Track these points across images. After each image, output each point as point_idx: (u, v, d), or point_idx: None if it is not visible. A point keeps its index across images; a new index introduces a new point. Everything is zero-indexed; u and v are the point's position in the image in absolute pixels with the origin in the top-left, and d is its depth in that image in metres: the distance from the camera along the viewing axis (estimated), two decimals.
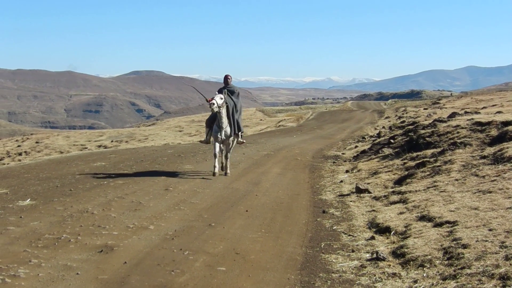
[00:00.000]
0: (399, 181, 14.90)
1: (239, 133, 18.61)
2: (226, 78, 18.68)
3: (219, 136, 17.61)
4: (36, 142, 51.76)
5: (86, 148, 44.59)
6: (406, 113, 52.45)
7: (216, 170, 17.54)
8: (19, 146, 51.23)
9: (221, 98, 17.27)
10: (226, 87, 18.33)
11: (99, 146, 44.59)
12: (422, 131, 21.00)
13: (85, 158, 23.04)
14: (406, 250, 8.89)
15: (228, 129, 17.74)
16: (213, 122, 18.05)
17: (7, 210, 12.12)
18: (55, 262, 8.48)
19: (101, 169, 18.82)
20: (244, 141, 19.75)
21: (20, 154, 46.08)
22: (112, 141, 48.60)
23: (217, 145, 17.76)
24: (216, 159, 17.73)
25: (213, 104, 16.81)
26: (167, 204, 12.75)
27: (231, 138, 18.14)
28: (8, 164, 32.77)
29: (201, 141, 19.65)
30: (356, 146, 28.29)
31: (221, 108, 17.31)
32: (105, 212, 11.97)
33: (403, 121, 37.95)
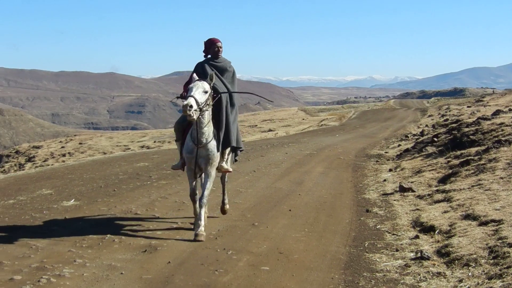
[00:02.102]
0: (443, 180, 14.77)
1: (236, 151, 11.67)
2: (211, 43, 11.04)
3: (194, 158, 10.22)
4: (80, 143, 52.32)
5: (129, 148, 44.93)
6: (449, 111, 51.95)
7: (201, 227, 9.94)
8: (63, 147, 51.82)
9: (205, 92, 9.89)
10: (213, 61, 11.02)
11: (142, 147, 44.91)
12: (466, 129, 20.82)
13: (128, 159, 23.18)
14: (451, 249, 8.82)
15: (213, 145, 10.27)
16: (185, 129, 10.67)
17: (52, 210, 12.24)
18: (99, 262, 8.54)
19: (144, 169, 18.93)
20: (230, 169, 11.45)
21: (64, 155, 46.62)
22: (154, 142, 48.85)
23: (193, 179, 10.57)
24: (198, 205, 10.37)
25: (188, 107, 9.41)
26: (210, 204, 12.78)
27: (217, 159, 10.49)
28: (52, 165, 33.19)
29: (173, 167, 11.28)
30: (399, 145, 28.14)
31: (204, 112, 9.97)
32: (149, 212, 12.05)
33: (446, 119, 37.61)
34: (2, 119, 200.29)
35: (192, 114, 9.54)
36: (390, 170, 18.82)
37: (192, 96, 9.68)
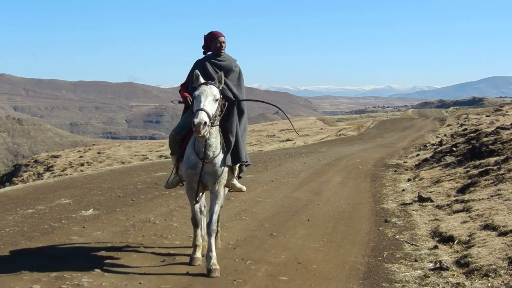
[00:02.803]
0: (462, 190, 14.72)
1: (242, 166, 9.68)
2: (212, 38, 9.33)
3: (197, 175, 8.61)
4: (98, 153, 52.53)
5: (147, 158, 45.08)
6: (468, 120, 51.85)
7: (213, 260, 8.52)
8: (81, 156, 52.06)
9: (215, 101, 8.30)
10: (215, 59, 9.32)
11: (160, 156, 44.99)
12: (485, 139, 20.76)
13: (146, 168, 23.23)
14: (470, 259, 8.78)
15: (221, 159, 8.68)
16: (184, 138, 9.16)
17: (71, 220, 12.28)
18: (118, 271, 8.56)
19: (162, 179, 18.94)
20: (244, 187, 9.75)
21: (82, 164, 46.84)
22: None
23: (197, 201, 9.00)
24: (200, 232, 9.38)
25: (201, 126, 7.84)
26: (228, 214, 12.78)
27: (226, 176, 8.93)
28: (71, 174, 33.30)
29: (167, 186, 9.73)
30: (417, 155, 28.07)
31: (213, 128, 8.39)
32: (167, 222, 12.06)
33: (465, 129, 37.53)
34: (21, 128, 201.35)
35: (206, 134, 8.13)
36: (409, 180, 18.76)
37: (203, 110, 7.97)
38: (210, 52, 9.46)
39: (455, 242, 10.09)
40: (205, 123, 7.87)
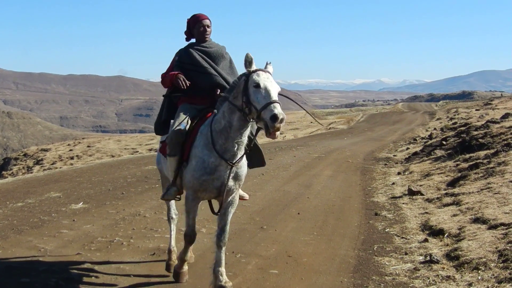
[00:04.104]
0: (452, 183, 14.73)
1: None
2: (195, 21, 8.04)
3: (218, 181, 7.17)
4: (88, 146, 52.35)
5: (137, 151, 44.91)
6: (458, 114, 51.93)
7: (225, 276, 7.42)
8: (71, 150, 51.85)
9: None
10: (200, 46, 8.02)
11: (150, 150, 44.83)
12: (475, 132, 20.80)
13: (136, 162, 23.20)
14: (460, 252, 8.79)
15: (244, 160, 7.36)
16: (179, 138, 7.45)
17: (60, 213, 12.26)
18: (108, 265, 8.56)
19: (153, 172, 18.92)
20: (246, 195, 8.42)
21: (72, 158, 46.65)
22: None
23: (195, 213, 7.52)
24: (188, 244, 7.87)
25: (282, 119, 6.26)
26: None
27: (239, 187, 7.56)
28: (60, 168, 33.18)
29: (164, 197, 7.88)
30: (407, 148, 28.08)
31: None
32: (157, 215, 12.04)
33: (455, 123, 37.59)
34: (11, 122, 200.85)
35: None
36: (399, 173, 18.79)
37: (279, 103, 6.42)
38: (193, 40, 8.19)
39: (445, 235, 10.10)
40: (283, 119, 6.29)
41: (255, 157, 7.83)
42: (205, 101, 7.80)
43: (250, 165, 7.79)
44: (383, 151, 28.29)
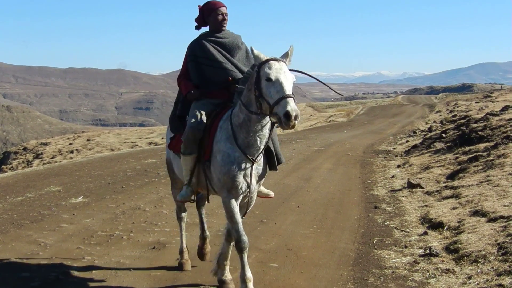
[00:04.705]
0: (452, 176, 14.73)
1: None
2: (211, 9, 7.41)
3: (246, 178, 6.82)
4: (88, 140, 52.36)
5: (137, 145, 44.94)
6: (458, 107, 51.86)
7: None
8: (70, 144, 51.86)
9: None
10: (215, 36, 7.44)
11: (150, 143, 44.87)
12: (475, 125, 20.80)
13: (136, 155, 23.22)
14: (459, 245, 8.79)
15: (262, 163, 7.01)
16: (196, 135, 7.08)
17: (60, 207, 12.28)
18: (108, 259, 8.57)
19: (152, 166, 18.94)
20: (272, 193, 8.13)
21: (71, 152, 46.66)
22: (162, 138, 48.80)
23: (236, 207, 7.15)
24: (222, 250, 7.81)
25: (296, 116, 5.90)
26: (218, 200, 12.72)
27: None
28: (60, 162, 33.22)
29: (181, 198, 7.65)
30: (407, 141, 28.06)
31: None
32: (157, 209, 12.06)
33: (455, 115, 37.55)
34: (10, 116, 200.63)
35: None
36: (398, 166, 18.78)
37: (292, 97, 6.11)
38: (208, 30, 7.58)
39: (445, 228, 10.10)
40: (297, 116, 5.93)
41: (268, 160, 7.18)
42: (222, 95, 7.35)
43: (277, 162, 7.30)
44: (383, 144, 28.27)
